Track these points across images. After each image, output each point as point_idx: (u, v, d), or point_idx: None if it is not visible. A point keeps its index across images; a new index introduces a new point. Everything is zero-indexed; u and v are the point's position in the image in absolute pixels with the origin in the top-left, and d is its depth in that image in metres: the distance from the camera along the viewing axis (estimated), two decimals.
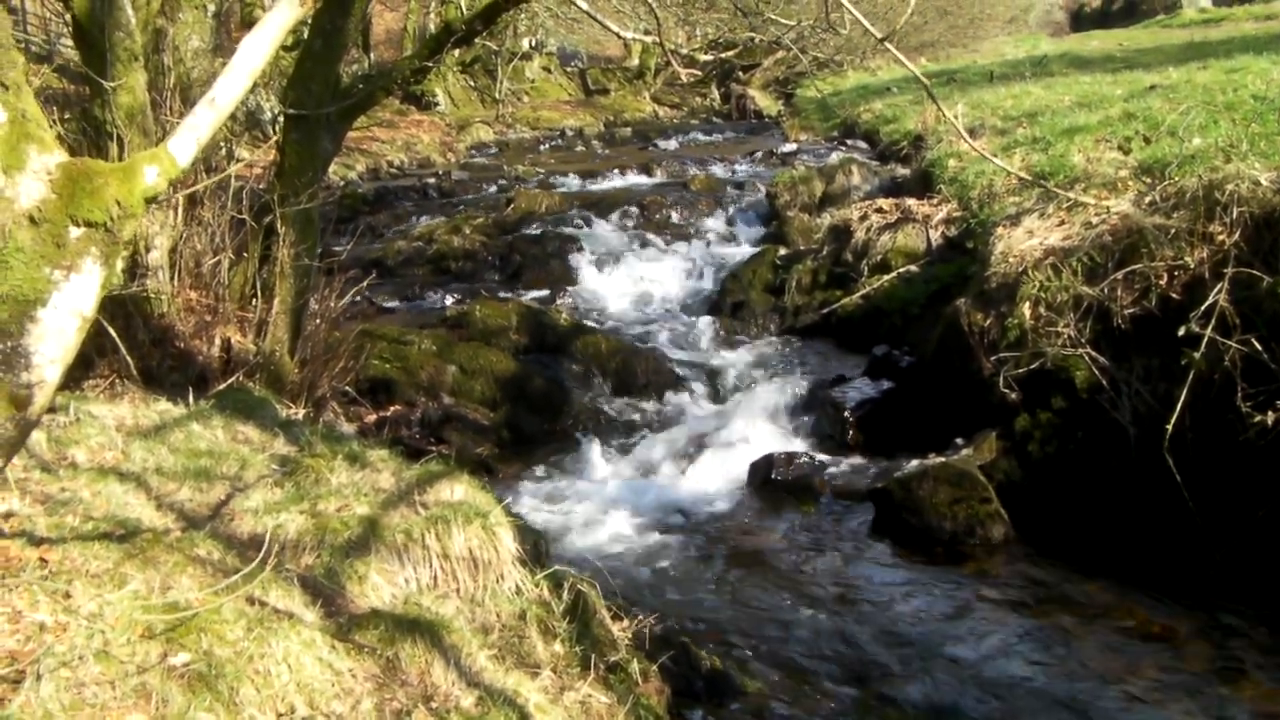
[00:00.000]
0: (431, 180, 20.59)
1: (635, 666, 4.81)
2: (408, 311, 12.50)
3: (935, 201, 11.91)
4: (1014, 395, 7.34)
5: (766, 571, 6.86)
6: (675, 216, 16.12)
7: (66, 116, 7.69)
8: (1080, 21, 48.51)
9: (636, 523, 7.67)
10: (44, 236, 2.52)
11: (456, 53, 26.59)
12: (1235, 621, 5.86)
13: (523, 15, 28.67)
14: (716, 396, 10.30)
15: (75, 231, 2.56)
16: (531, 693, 3.91)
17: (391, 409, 9.19)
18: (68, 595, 3.36)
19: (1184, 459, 6.20)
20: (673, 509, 7.91)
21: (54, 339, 2.54)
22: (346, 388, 8.32)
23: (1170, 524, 6.42)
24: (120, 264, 2.60)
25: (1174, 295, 6.77)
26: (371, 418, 8.85)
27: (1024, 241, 8.13)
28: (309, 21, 7.79)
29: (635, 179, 20.38)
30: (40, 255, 2.51)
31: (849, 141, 21.67)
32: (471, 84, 32.41)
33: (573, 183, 20.19)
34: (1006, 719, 5.18)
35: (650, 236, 15.10)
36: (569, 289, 13.32)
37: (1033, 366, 7.25)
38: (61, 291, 2.54)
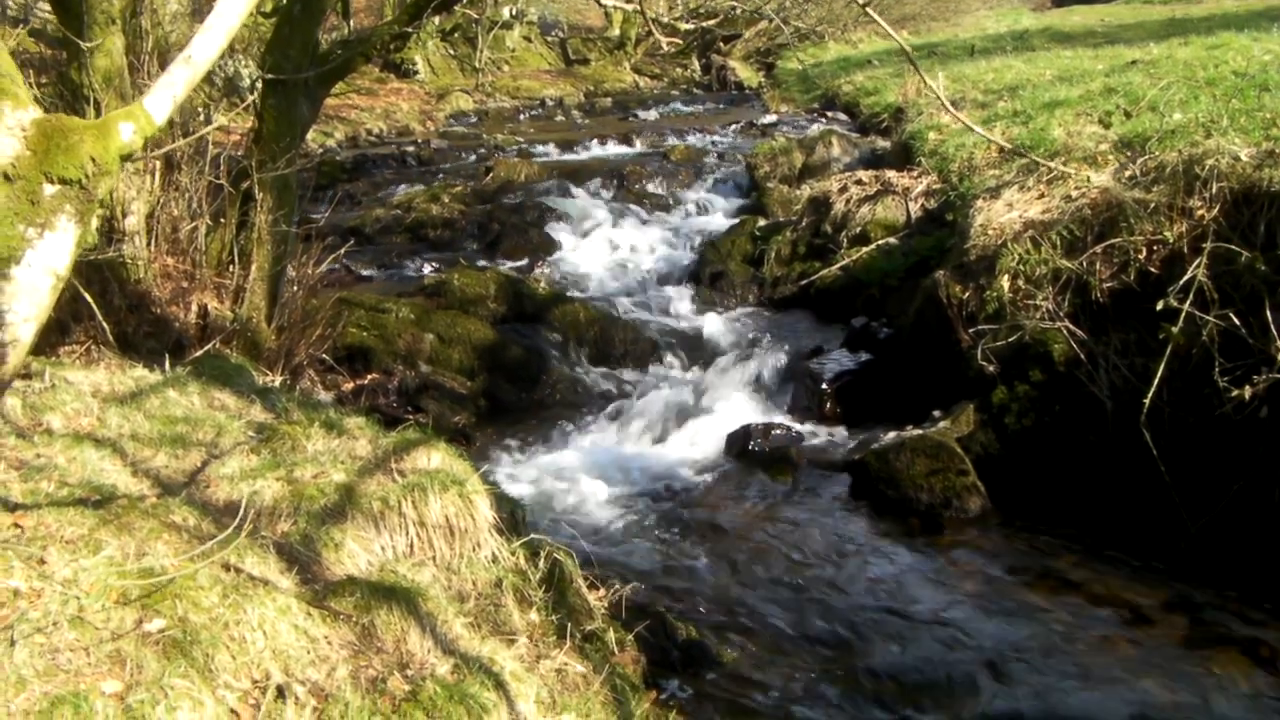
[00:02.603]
0: (410, 148, 20.47)
1: (611, 635, 4.82)
2: (386, 279, 12.43)
3: (915, 174, 11.88)
4: (992, 368, 7.36)
5: (742, 542, 6.88)
6: (655, 187, 16.06)
7: (43, 80, 7.59)
8: None
9: (613, 492, 7.68)
10: (18, 193, 2.48)
11: (436, 20, 26.46)
12: (1209, 595, 5.90)
13: None
14: (694, 367, 10.30)
15: (50, 189, 2.52)
16: (507, 660, 3.91)
17: (369, 377, 9.16)
18: (42, 561, 3.34)
19: (1160, 433, 6.23)
20: (649, 479, 7.92)
21: (28, 297, 2.51)
22: (324, 355, 8.30)
23: (1146, 498, 6.46)
24: (95, 222, 2.57)
25: (1153, 269, 6.80)
26: (349, 385, 8.82)
27: (1003, 214, 8.14)
28: None
29: (615, 149, 20.28)
30: (14, 212, 2.47)
31: (829, 113, 21.62)
32: (451, 52, 32.15)
33: (552, 152, 20.09)
34: (979, 690, 5.21)
35: (629, 206, 15.04)
36: (547, 258, 13.28)
37: (1011, 339, 7.27)
38: (36, 249, 2.51)
